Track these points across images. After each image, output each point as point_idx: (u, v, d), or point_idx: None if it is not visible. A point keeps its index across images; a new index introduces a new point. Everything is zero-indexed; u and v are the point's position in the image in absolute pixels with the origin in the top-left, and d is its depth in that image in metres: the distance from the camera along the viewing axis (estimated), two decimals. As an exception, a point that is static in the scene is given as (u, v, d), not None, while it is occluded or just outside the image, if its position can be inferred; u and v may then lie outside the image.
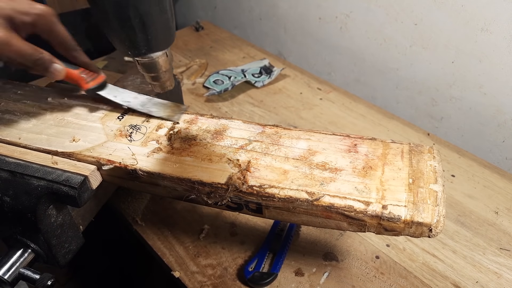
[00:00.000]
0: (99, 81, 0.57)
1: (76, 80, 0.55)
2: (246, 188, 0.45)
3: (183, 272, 0.60)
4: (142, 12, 0.41)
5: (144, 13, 0.41)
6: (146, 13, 0.41)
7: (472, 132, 0.91)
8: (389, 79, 1.02)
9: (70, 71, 0.54)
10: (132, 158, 0.49)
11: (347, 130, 0.88)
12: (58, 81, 0.61)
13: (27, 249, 0.50)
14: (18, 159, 0.49)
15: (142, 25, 0.42)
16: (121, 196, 0.71)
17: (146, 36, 0.43)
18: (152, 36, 0.43)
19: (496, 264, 0.62)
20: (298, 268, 0.60)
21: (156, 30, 0.43)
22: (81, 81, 0.55)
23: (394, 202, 0.43)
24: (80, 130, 0.54)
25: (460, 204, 0.72)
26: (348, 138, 0.52)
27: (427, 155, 0.49)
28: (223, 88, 0.97)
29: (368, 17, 0.98)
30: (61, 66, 0.51)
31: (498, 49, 0.79)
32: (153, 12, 0.42)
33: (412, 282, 0.59)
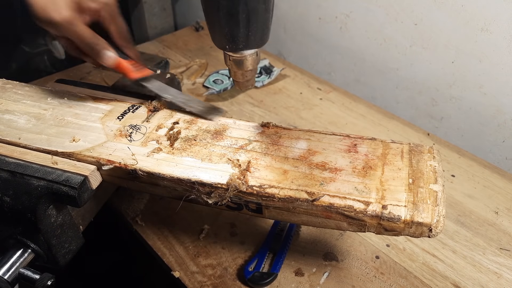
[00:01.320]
0: (145, 74, 0.59)
1: (124, 69, 0.57)
2: (246, 188, 0.45)
3: (183, 272, 0.60)
4: (250, 8, 0.42)
5: (251, 10, 0.43)
6: (253, 10, 0.43)
7: (472, 132, 0.91)
8: (389, 79, 1.02)
9: (121, 61, 0.56)
10: (132, 158, 0.49)
11: (347, 130, 0.88)
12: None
13: (27, 249, 0.50)
14: (18, 159, 0.49)
15: (247, 21, 0.43)
16: (121, 196, 0.71)
17: (247, 32, 0.45)
18: (252, 32, 0.45)
19: (496, 264, 0.62)
20: (298, 268, 0.60)
21: (257, 27, 0.45)
22: (128, 71, 0.57)
23: (394, 202, 0.43)
24: (80, 130, 0.54)
25: (460, 204, 0.72)
26: (348, 138, 0.52)
27: (427, 155, 0.49)
28: (222, 88, 0.97)
29: (368, 17, 0.98)
30: (114, 54, 0.54)
31: (498, 49, 0.79)
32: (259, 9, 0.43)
33: (412, 282, 0.59)
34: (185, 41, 1.22)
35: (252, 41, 0.46)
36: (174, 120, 0.56)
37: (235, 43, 0.46)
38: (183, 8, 1.52)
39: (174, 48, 1.18)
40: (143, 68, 0.59)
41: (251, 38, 0.46)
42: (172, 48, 1.18)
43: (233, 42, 0.46)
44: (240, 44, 0.46)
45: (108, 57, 0.54)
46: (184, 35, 1.25)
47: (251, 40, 0.46)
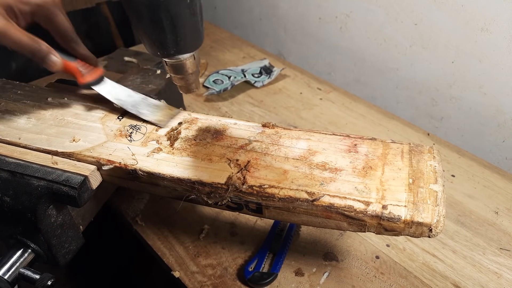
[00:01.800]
0: (96, 75, 0.56)
1: (72, 73, 0.54)
2: (246, 188, 0.45)
3: (183, 272, 0.60)
4: (173, 14, 0.42)
5: (175, 15, 0.42)
6: (177, 15, 0.42)
7: (472, 132, 0.91)
8: (389, 79, 1.02)
9: (67, 63, 0.53)
10: (132, 158, 0.49)
11: (347, 130, 0.88)
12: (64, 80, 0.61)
13: (27, 249, 0.50)
14: (18, 159, 0.49)
15: (172, 27, 0.42)
16: (121, 196, 0.71)
17: (176, 38, 0.44)
18: (181, 38, 0.44)
19: (496, 264, 0.62)
20: (298, 268, 0.60)
21: (186, 32, 0.44)
22: (77, 74, 0.54)
23: (394, 202, 0.43)
24: (80, 130, 0.54)
25: (460, 204, 0.72)
26: (348, 138, 0.52)
27: (427, 155, 0.49)
28: (222, 88, 0.97)
29: (368, 17, 0.98)
30: (58, 58, 0.51)
31: (498, 49, 0.79)
32: (184, 14, 0.43)
33: (412, 282, 0.59)
34: (185, 41, 1.21)
35: (183, 46, 0.45)
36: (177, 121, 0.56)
37: (165, 50, 0.45)
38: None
39: (174, 48, 1.18)
40: (93, 69, 0.56)
41: (180, 43, 0.45)
42: (172, 48, 1.18)
43: (163, 48, 0.45)
44: (170, 50, 0.45)
45: (51, 61, 0.50)
46: (184, 35, 1.25)
47: (181, 45, 0.45)
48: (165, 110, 0.57)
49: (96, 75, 0.56)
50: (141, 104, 0.57)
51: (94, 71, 0.56)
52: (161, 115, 0.56)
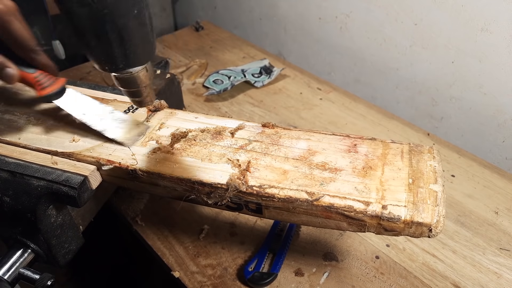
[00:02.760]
0: (57, 86, 0.51)
1: (31, 85, 0.50)
2: (246, 188, 0.45)
3: (183, 272, 0.60)
4: (120, 26, 0.38)
5: (122, 27, 0.38)
6: (124, 27, 0.38)
7: (472, 132, 0.91)
8: (389, 79, 1.02)
9: (25, 75, 0.49)
10: (132, 158, 0.49)
11: (347, 130, 0.88)
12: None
13: (27, 249, 0.50)
14: (18, 159, 0.49)
15: (120, 39, 0.39)
16: (121, 196, 0.71)
17: (124, 51, 0.40)
18: (130, 50, 0.40)
19: (496, 264, 0.62)
20: (298, 268, 0.60)
21: (135, 44, 0.41)
22: (36, 86, 0.50)
23: (394, 202, 0.43)
24: (80, 130, 0.54)
25: (460, 204, 0.72)
26: (348, 138, 0.52)
27: (427, 155, 0.49)
28: (222, 88, 0.97)
29: (368, 17, 0.98)
30: (14, 71, 0.47)
31: (498, 49, 0.79)
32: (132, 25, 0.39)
33: (412, 282, 0.59)
34: (185, 41, 1.22)
35: (133, 59, 0.42)
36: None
37: (114, 63, 0.41)
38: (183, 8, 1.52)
39: (174, 48, 1.18)
40: (55, 80, 0.52)
41: (130, 56, 0.41)
42: (172, 48, 1.18)
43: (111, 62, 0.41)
44: (119, 64, 0.41)
45: (7, 75, 0.46)
46: (184, 35, 1.25)
47: (131, 58, 0.41)
48: (132, 126, 0.53)
49: (57, 86, 0.51)
50: (106, 119, 0.52)
51: (56, 82, 0.51)
52: (127, 131, 0.53)
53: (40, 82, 0.50)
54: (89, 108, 0.53)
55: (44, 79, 0.50)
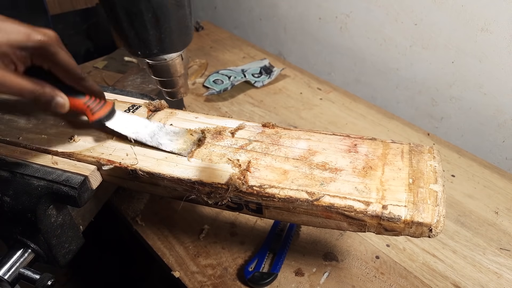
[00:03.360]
0: (106, 110, 0.52)
1: (81, 110, 0.50)
2: (246, 188, 0.45)
3: (183, 272, 0.60)
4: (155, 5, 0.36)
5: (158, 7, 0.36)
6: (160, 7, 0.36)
7: (472, 132, 0.91)
8: (389, 79, 1.02)
9: (75, 102, 0.49)
10: (132, 158, 0.49)
11: (347, 130, 0.88)
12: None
13: (27, 249, 0.50)
14: (18, 159, 0.49)
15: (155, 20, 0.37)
16: (121, 196, 0.71)
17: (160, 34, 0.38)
18: (166, 34, 0.38)
19: (496, 264, 0.62)
20: (298, 268, 0.60)
21: (171, 27, 0.38)
22: (87, 112, 0.50)
23: (394, 202, 0.43)
24: (80, 130, 0.54)
25: (460, 204, 0.72)
26: (348, 138, 0.52)
27: (427, 155, 0.49)
28: (222, 88, 0.97)
29: (368, 17, 0.98)
30: (64, 99, 0.46)
31: (498, 49, 0.79)
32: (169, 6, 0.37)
33: (412, 282, 0.59)
34: (185, 41, 1.22)
35: (168, 44, 0.39)
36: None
37: (147, 48, 0.39)
38: None
39: (174, 48, 1.18)
40: (103, 104, 0.52)
41: (165, 40, 0.38)
42: (172, 48, 1.18)
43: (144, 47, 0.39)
44: (153, 49, 0.39)
45: (57, 104, 0.46)
46: (184, 35, 1.25)
47: (166, 42, 0.39)
48: (186, 136, 0.53)
49: (106, 110, 0.52)
50: (159, 134, 0.52)
51: (104, 106, 0.52)
52: (182, 142, 0.52)
53: (91, 107, 0.50)
54: (140, 127, 0.53)
55: (93, 104, 0.50)
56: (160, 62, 0.41)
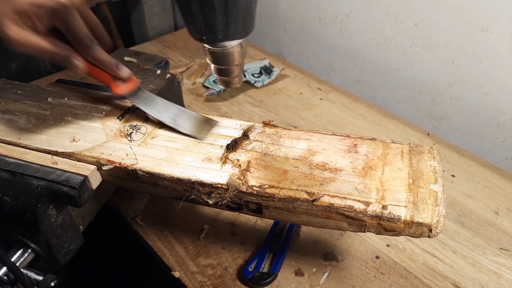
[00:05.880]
0: (133, 86, 0.52)
1: (105, 82, 0.51)
2: (246, 188, 0.45)
3: (183, 272, 0.60)
4: None
5: None
6: None
7: (472, 132, 0.91)
8: (389, 79, 1.02)
9: (97, 71, 0.50)
10: (132, 158, 0.49)
11: (347, 130, 0.88)
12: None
13: (27, 249, 0.50)
14: (18, 159, 0.49)
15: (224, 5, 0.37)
16: (121, 196, 0.71)
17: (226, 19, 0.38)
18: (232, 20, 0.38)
19: (496, 264, 0.62)
20: (298, 268, 0.60)
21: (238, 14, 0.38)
22: (111, 83, 0.51)
23: (394, 202, 0.43)
24: (80, 130, 0.54)
25: (460, 204, 0.72)
26: (348, 138, 0.52)
27: (427, 155, 0.49)
28: (222, 88, 0.97)
29: (368, 17, 0.98)
30: (80, 62, 0.48)
31: (498, 49, 0.79)
32: None
33: (412, 282, 0.59)
34: (185, 41, 1.22)
35: (233, 30, 0.39)
36: None
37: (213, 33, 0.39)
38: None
39: (174, 48, 1.18)
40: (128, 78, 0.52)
41: (231, 26, 0.39)
42: (172, 48, 1.18)
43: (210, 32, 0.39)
44: (218, 34, 0.39)
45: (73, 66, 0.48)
46: (184, 35, 1.25)
47: (231, 29, 0.39)
48: (202, 121, 0.55)
49: (132, 86, 0.52)
50: (180, 117, 0.54)
51: (130, 81, 0.52)
52: (199, 126, 0.54)
53: (115, 80, 0.51)
54: (162, 107, 0.55)
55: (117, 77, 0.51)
56: (220, 49, 0.41)
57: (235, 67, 0.44)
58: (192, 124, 0.54)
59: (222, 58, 0.43)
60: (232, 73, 0.44)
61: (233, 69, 0.44)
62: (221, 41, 0.40)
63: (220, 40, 0.40)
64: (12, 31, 0.43)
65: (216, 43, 0.41)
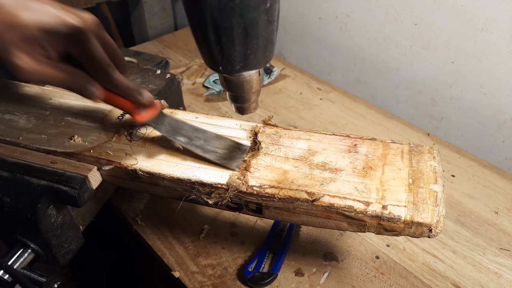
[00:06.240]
0: (154, 112, 0.48)
1: (125, 108, 0.48)
2: (246, 188, 0.45)
3: (183, 272, 0.60)
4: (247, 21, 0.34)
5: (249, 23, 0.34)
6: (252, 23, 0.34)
7: (472, 132, 0.91)
8: (389, 79, 1.02)
9: (116, 98, 0.47)
10: (132, 158, 0.49)
11: (347, 130, 0.88)
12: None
13: (27, 249, 0.50)
14: (18, 159, 0.49)
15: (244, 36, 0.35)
16: (121, 196, 0.71)
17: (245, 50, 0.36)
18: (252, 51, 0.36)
19: (496, 264, 0.62)
20: (298, 268, 0.60)
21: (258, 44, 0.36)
22: (132, 111, 0.48)
23: (394, 202, 0.43)
24: (80, 130, 0.54)
25: (460, 204, 0.72)
26: (348, 138, 0.52)
27: (427, 155, 0.49)
28: (222, 88, 0.97)
29: (368, 17, 0.98)
30: (96, 91, 0.45)
31: (498, 49, 0.79)
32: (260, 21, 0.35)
33: (412, 282, 0.59)
34: (185, 41, 1.22)
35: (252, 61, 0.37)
36: None
37: (231, 64, 0.37)
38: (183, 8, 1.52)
39: (174, 48, 1.18)
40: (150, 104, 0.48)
41: (250, 57, 0.36)
42: (172, 48, 1.18)
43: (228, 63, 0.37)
44: (236, 66, 0.37)
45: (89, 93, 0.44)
46: (184, 35, 1.25)
47: (250, 59, 0.37)
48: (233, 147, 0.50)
49: (154, 112, 0.49)
50: (209, 143, 0.49)
51: (152, 106, 0.49)
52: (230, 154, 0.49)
53: (135, 106, 0.47)
54: (186, 133, 0.50)
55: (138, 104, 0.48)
56: (237, 77, 0.39)
57: (252, 94, 0.41)
58: (221, 149, 0.49)
59: (238, 87, 0.40)
60: (249, 100, 0.42)
61: (249, 96, 0.41)
62: (238, 72, 0.38)
63: (238, 71, 0.38)
64: (21, 60, 0.39)
65: (233, 73, 0.39)
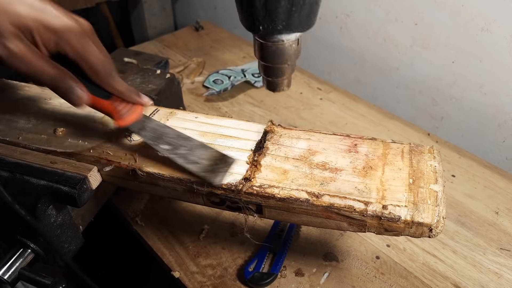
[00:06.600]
0: (136, 116, 0.47)
1: (108, 112, 0.47)
2: (246, 188, 0.45)
3: (183, 272, 0.60)
4: None
5: None
6: None
7: (472, 132, 0.91)
8: (389, 79, 1.02)
9: (100, 101, 0.45)
10: (132, 158, 0.49)
11: (347, 130, 0.88)
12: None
13: (27, 249, 0.50)
14: (18, 159, 0.49)
15: None
16: (121, 196, 0.71)
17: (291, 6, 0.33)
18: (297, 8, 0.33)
19: (496, 264, 0.62)
20: (298, 268, 0.60)
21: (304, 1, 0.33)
22: (114, 114, 0.46)
23: (394, 202, 0.43)
24: (80, 130, 0.54)
25: (460, 204, 0.72)
26: (348, 138, 0.52)
27: (427, 155, 0.49)
28: (222, 88, 0.97)
29: (368, 17, 0.98)
30: (83, 92, 0.44)
31: (498, 49, 0.79)
32: None
33: (413, 283, 0.59)
34: (185, 41, 1.22)
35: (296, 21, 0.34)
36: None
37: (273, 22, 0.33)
38: (183, 8, 1.52)
39: (174, 48, 1.18)
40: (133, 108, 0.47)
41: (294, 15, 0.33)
42: (172, 48, 1.18)
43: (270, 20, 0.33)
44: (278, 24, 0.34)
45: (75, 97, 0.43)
46: (184, 35, 1.25)
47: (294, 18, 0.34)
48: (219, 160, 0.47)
49: (136, 116, 0.47)
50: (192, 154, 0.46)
51: (134, 110, 0.47)
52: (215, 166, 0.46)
53: (117, 109, 0.46)
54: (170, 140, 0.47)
55: (120, 106, 0.46)
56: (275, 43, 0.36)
57: (287, 66, 0.38)
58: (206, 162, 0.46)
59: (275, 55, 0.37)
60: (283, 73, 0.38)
61: (285, 69, 0.38)
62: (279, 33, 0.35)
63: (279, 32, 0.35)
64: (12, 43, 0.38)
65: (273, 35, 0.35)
